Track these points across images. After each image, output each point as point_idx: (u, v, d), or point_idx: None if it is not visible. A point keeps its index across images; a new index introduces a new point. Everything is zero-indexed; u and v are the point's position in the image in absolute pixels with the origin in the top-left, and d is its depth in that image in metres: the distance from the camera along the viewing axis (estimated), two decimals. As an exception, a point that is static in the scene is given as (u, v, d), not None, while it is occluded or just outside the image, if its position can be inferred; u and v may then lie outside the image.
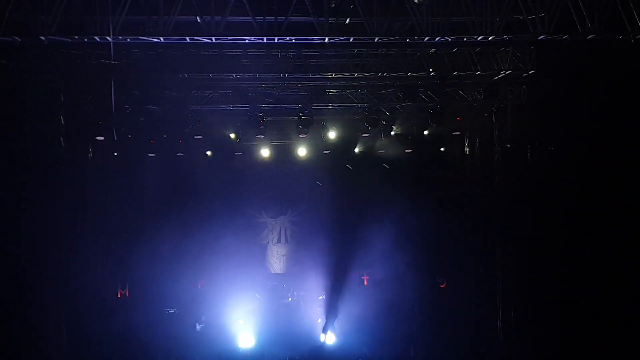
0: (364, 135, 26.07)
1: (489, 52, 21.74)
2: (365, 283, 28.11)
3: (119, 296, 23.58)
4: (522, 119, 24.14)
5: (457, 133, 27.64)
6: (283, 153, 28.85)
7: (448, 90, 24.02)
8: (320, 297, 27.60)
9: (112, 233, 25.66)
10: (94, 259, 25.79)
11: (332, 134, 26.69)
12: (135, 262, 25.09)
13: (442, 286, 26.40)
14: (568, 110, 21.69)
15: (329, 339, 26.00)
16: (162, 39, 17.23)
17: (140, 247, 25.33)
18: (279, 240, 29.93)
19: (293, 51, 21.77)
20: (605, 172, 20.68)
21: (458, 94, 24.49)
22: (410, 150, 28.00)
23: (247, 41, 18.08)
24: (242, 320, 26.69)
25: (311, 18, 16.93)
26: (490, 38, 17.58)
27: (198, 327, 26.58)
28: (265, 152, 28.21)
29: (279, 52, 21.80)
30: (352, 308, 26.89)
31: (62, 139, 23.94)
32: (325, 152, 28.13)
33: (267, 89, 24.32)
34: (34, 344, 22.72)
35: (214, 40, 17.43)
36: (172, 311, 26.77)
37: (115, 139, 23.04)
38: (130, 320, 24.94)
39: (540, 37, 17.42)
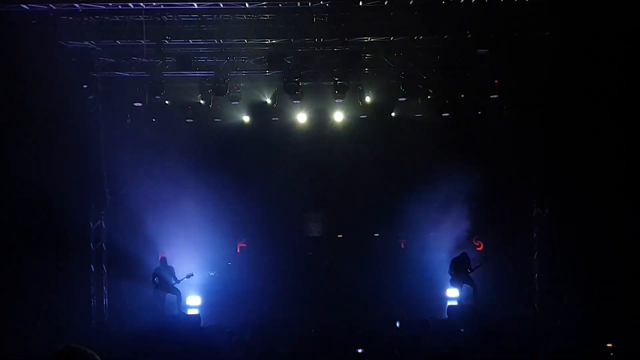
0: (400, 99, 25.89)
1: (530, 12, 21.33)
2: (403, 246, 28.14)
3: (159, 259, 23.82)
4: (557, 80, 23.81)
5: (495, 96, 27.36)
6: (320, 118, 28.79)
7: (484, 54, 23.67)
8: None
9: (150, 198, 25.85)
10: (133, 224, 26.09)
11: (368, 99, 26.56)
12: (174, 227, 25.28)
13: (478, 249, 26.30)
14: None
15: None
16: (196, 4, 17.32)
17: (178, 213, 25.54)
18: (316, 205, 29.96)
19: (327, 15, 21.65)
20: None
21: (495, 57, 24.11)
22: (447, 114, 27.80)
23: (280, 6, 18.09)
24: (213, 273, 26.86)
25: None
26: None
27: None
28: (302, 118, 28.17)
29: (313, 16, 21.68)
30: (387, 270, 27.03)
31: (99, 105, 24.18)
32: (362, 116, 28.01)
33: (302, 54, 24.23)
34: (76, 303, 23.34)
35: (247, 6, 17.51)
36: (213, 274, 27.01)
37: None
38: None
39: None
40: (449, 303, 23.17)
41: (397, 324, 20.08)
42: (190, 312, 23.53)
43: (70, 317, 22.82)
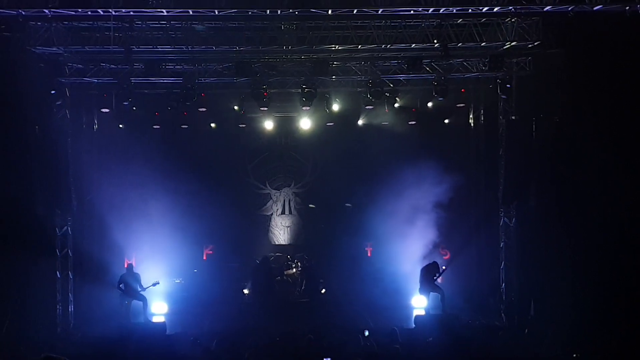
0: (367, 107, 26.02)
1: (494, 23, 21.61)
2: (369, 254, 28.22)
3: (125, 266, 23.66)
4: (527, 90, 24.09)
5: (462, 105, 27.65)
6: (287, 125, 28.89)
7: (452, 62, 23.94)
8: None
9: (117, 204, 25.74)
10: (99, 230, 25.97)
11: (335, 107, 26.67)
12: (141, 233, 25.16)
13: (445, 257, 26.44)
14: (573, 83, 21.67)
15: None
16: (165, 11, 17.29)
17: (146, 218, 25.44)
18: (283, 212, 30.05)
19: (296, 23, 21.69)
20: (611, 144, 20.68)
21: (462, 65, 24.40)
22: (414, 123, 27.99)
23: (250, 13, 18.11)
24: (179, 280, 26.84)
25: (315, -10, 16.94)
26: (495, 9, 17.61)
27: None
28: (269, 125, 28.24)
29: (282, 24, 21.72)
30: (355, 279, 27.10)
31: (67, 111, 24.03)
32: (328, 124, 28.12)
33: (270, 61, 24.26)
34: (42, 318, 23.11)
35: (217, 13, 17.50)
36: (179, 281, 26.93)
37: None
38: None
39: (546, 8, 17.41)
40: (415, 312, 23.25)
41: (366, 333, 20.08)
42: (156, 319, 23.39)
43: (35, 323, 22.60)
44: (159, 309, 24.01)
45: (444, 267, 23.11)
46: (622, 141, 20.31)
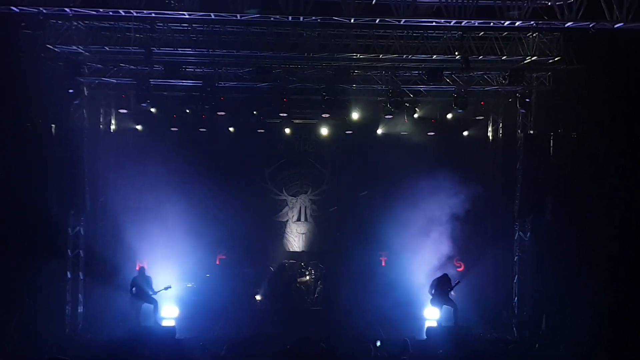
0: (387, 117, 25.95)
1: (515, 37, 21.58)
2: (384, 264, 28.08)
3: (137, 268, 23.59)
4: (546, 105, 24.00)
5: (481, 118, 27.53)
6: (305, 132, 28.85)
7: (473, 74, 23.86)
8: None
9: (131, 206, 25.73)
10: (112, 231, 25.99)
11: (355, 115, 26.59)
12: (154, 236, 25.12)
13: (459, 269, 26.29)
14: (593, 99, 21.55)
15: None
16: (187, 14, 17.27)
17: (160, 221, 25.37)
18: (299, 219, 29.93)
19: (318, 30, 21.67)
20: (629, 161, 20.55)
21: (483, 78, 24.32)
22: (432, 133, 27.88)
23: (272, 19, 18.08)
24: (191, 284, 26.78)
25: (337, -2, 16.89)
26: (517, 23, 17.52)
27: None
28: (287, 131, 28.23)
29: (304, 31, 21.71)
30: (368, 288, 26.96)
31: (84, 110, 24.05)
32: (347, 132, 28.05)
33: (291, 68, 24.23)
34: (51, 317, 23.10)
35: (239, 17, 17.48)
36: (191, 285, 26.83)
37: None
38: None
39: (567, 24, 17.30)
40: (427, 323, 23.10)
41: (377, 343, 19.98)
42: (166, 323, 23.34)
43: (44, 323, 22.59)
44: (169, 313, 23.96)
45: (458, 281, 22.94)
46: (638, 158, 20.20)
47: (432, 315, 23.15)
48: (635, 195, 20.50)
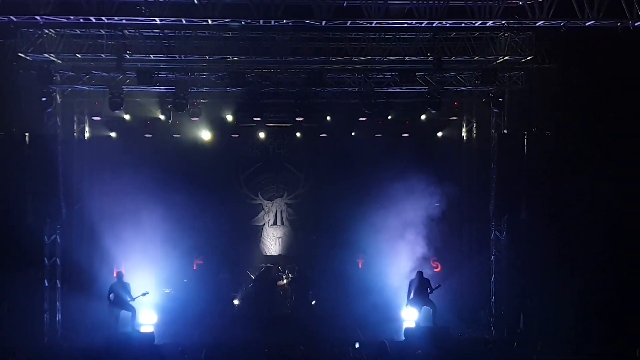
0: (361, 119, 26.01)
1: (487, 37, 21.68)
2: (360, 266, 28.12)
3: (114, 275, 23.47)
4: (520, 104, 24.12)
5: (455, 118, 27.66)
6: (280, 136, 28.89)
7: (445, 75, 23.94)
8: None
9: (106, 213, 25.66)
10: (89, 239, 25.88)
11: (329, 118, 26.61)
12: (131, 243, 25.02)
13: (436, 270, 26.38)
14: (566, 97, 21.71)
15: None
16: (158, 20, 17.21)
17: (136, 227, 25.26)
18: (275, 223, 29.91)
19: (290, 33, 21.67)
20: (602, 158, 20.72)
21: (456, 78, 24.39)
22: (407, 135, 27.97)
23: (243, 23, 18.06)
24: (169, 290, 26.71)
25: (309, 1, 16.88)
26: (488, 23, 17.60)
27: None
28: (262, 135, 28.25)
29: (276, 35, 21.71)
30: (344, 291, 26.99)
31: (58, 118, 23.91)
32: (322, 135, 28.12)
33: (264, 72, 24.22)
34: (29, 325, 22.93)
35: (210, 22, 17.42)
36: (168, 291, 26.75)
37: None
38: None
39: (538, 23, 17.40)
40: (405, 324, 23.14)
41: (356, 345, 20.02)
42: (144, 329, 23.22)
43: (22, 332, 22.43)
44: (148, 319, 23.84)
45: (438, 285, 22.95)
46: (613, 155, 20.36)
47: (409, 317, 23.18)
48: (610, 192, 20.67)
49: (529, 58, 21.72)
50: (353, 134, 28.14)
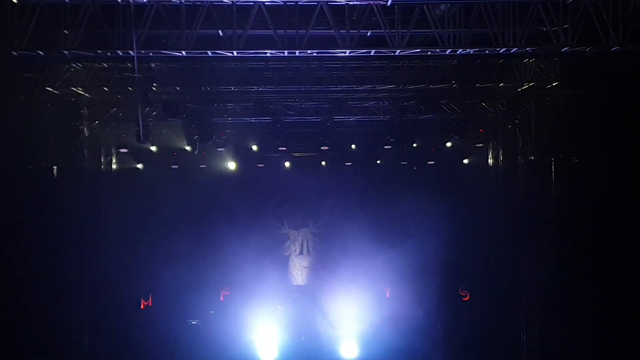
0: (386, 147, 26.01)
1: (512, 64, 21.65)
2: (388, 296, 27.95)
3: (142, 307, 23.53)
4: (546, 130, 24.01)
5: (480, 145, 27.58)
6: (305, 165, 28.90)
7: (470, 102, 23.91)
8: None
9: (136, 244, 25.77)
10: (118, 268, 25.95)
11: (353, 146, 26.64)
12: (158, 273, 25.11)
13: (465, 299, 26.19)
14: (592, 123, 21.57)
15: (351, 350, 25.84)
16: (184, 52, 17.31)
17: (163, 258, 25.37)
18: (301, 252, 29.80)
19: (314, 63, 21.77)
20: (630, 186, 20.53)
21: (481, 105, 24.36)
22: (432, 162, 27.92)
23: (268, 54, 18.14)
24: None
25: (332, 31, 16.94)
26: (513, 50, 17.55)
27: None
28: (287, 164, 28.29)
29: (300, 64, 21.81)
30: (374, 321, 26.80)
31: (85, 151, 24.09)
32: (347, 163, 28.10)
33: (289, 102, 24.32)
34: (57, 348, 22.92)
35: (235, 54, 17.50)
36: (195, 322, 26.73)
37: (142, 141, 23.21)
38: (152, 330, 25.06)
39: (563, 49, 17.35)
40: None
41: None
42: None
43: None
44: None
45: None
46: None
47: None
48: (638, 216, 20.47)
49: (554, 84, 21.65)
50: (378, 162, 28.10)
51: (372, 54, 17.99)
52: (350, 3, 16.47)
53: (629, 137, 20.21)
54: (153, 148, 25.91)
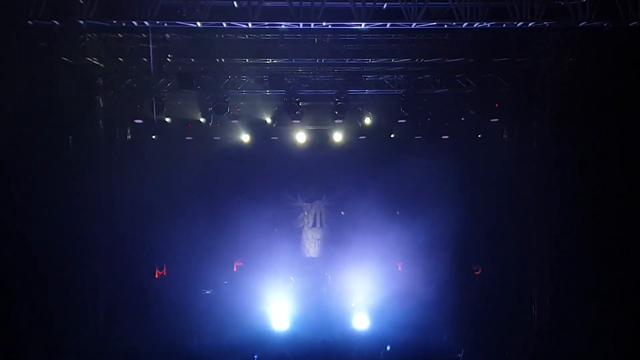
0: (400, 121, 25.94)
1: (528, 38, 21.49)
2: (400, 269, 28.01)
3: (156, 276, 23.69)
4: (562, 106, 23.83)
5: (495, 120, 27.41)
6: (319, 138, 28.86)
7: (486, 77, 23.78)
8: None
9: (150, 214, 25.86)
10: (132, 239, 26.05)
11: (368, 120, 26.58)
12: (172, 244, 25.26)
13: (477, 273, 26.21)
14: (609, 98, 21.40)
15: (362, 323, 25.93)
16: (199, 23, 17.32)
17: (177, 229, 25.48)
18: (314, 225, 29.89)
19: (329, 36, 21.71)
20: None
21: (497, 80, 24.22)
22: (447, 137, 27.82)
23: (283, 26, 18.11)
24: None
25: (348, 3, 16.90)
26: (530, 24, 17.44)
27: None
28: (301, 137, 28.25)
29: (315, 37, 21.75)
30: (385, 294, 26.87)
31: (100, 121, 24.13)
32: (361, 137, 28.06)
33: (303, 74, 24.28)
34: (71, 322, 23.07)
35: (250, 26, 17.50)
36: (209, 292, 26.91)
37: (155, 121, 23.29)
38: (167, 300, 25.22)
39: (581, 24, 17.23)
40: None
41: (388, 348, 20.10)
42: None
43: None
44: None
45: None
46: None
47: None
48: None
49: (571, 59, 21.50)
50: (392, 135, 28.05)
51: (387, 26, 17.92)
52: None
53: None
54: (167, 119, 25.91)
